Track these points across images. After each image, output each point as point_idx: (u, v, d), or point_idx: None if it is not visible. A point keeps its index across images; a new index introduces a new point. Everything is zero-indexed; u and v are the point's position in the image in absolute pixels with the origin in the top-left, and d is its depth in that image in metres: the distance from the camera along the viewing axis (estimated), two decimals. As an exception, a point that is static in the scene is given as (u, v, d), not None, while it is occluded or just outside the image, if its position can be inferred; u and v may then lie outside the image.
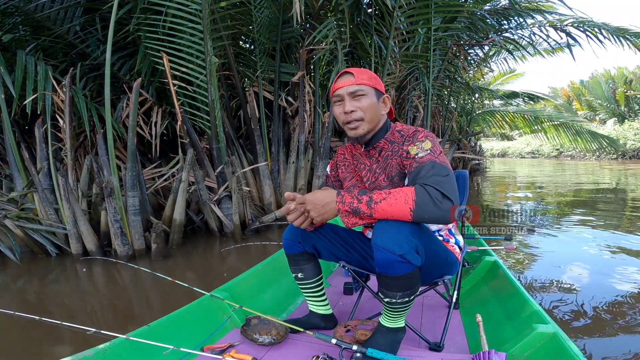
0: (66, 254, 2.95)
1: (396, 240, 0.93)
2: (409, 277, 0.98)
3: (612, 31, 5.03)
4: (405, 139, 1.09)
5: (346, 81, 1.09)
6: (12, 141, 3.04)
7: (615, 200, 5.32)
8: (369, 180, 1.18)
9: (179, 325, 1.23)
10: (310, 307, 1.36)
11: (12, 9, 3.25)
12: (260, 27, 3.83)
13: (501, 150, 21.64)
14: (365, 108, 1.08)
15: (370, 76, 1.11)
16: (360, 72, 1.10)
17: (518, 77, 12.58)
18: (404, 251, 0.93)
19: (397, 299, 1.02)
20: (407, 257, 0.94)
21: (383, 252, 0.95)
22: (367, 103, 1.08)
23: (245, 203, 3.57)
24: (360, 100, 1.08)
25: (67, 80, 2.87)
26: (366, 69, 1.14)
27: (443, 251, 1.13)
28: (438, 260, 1.10)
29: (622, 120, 16.73)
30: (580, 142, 8.55)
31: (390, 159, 1.12)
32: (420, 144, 1.04)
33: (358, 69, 1.11)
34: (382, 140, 1.14)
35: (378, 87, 1.11)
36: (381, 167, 1.14)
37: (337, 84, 1.11)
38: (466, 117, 9.32)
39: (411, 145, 1.05)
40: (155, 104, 3.78)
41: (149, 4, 3.13)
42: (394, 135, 1.14)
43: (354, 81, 1.08)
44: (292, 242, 1.26)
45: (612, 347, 1.47)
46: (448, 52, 5.13)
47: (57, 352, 1.52)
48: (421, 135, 1.07)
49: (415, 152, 1.04)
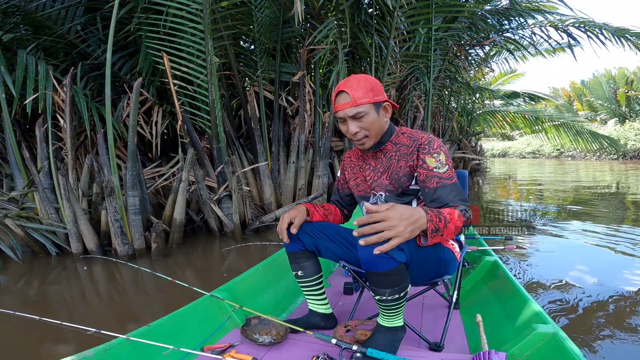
0: (66, 253, 2.95)
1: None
2: (395, 273, 0.98)
3: (612, 32, 5.03)
4: (420, 145, 1.13)
5: (345, 103, 1.10)
6: (13, 140, 3.04)
7: (616, 201, 5.31)
8: (372, 179, 1.24)
9: (179, 325, 1.23)
10: (310, 306, 1.37)
11: (13, 9, 3.25)
12: (260, 26, 3.83)
13: (502, 150, 21.62)
14: (368, 126, 1.12)
15: (366, 91, 1.09)
16: (356, 90, 1.09)
17: (519, 77, 12.57)
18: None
19: (387, 296, 1.03)
20: (390, 253, 0.93)
21: (365, 249, 0.94)
22: (369, 121, 1.12)
23: (246, 203, 3.57)
24: (362, 120, 1.11)
25: (68, 80, 2.87)
26: (362, 80, 1.11)
27: (438, 249, 1.12)
28: (433, 258, 1.10)
29: (623, 121, 16.71)
30: (581, 142, 8.55)
31: (394, 159, 1.18)
32: (437, 156, 1.10)
33: (353, 84, 1.10)
34: (388, 142, 1.20)
35: (377, 100, 1.11)
36: (385, 167, 1.20)
37: (337, 105, 1.13)
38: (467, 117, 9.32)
39: (428, 156, 1.10)
40: (156, 104, 3.78)
41: (150, 3, 3.13)
42: (399, 137, 1.20)
43: (351, 103, 1.09)
44: (293, 240, 1.26)
45: (612, 347, 1.47)
46: (449, 52, 5.13)
47: (57, 352, 1.52)
48: (436, 145, 1.11)
49: (434, 165, 1.09)
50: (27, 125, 3.76)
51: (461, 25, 5.04)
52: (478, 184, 7.81)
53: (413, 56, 4.59)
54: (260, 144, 4.01)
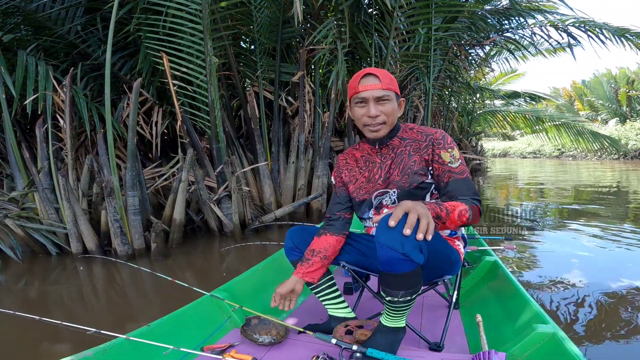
0: (66, 253, 2.96)
1: (400, 238, 0.91)
2: (412, 276, 0.97)
3: (613, 31, 5.02)
4: (435, 140, 1.11)
5: (373, 84, 1.07)
6: (13, 141, 3.04)
7: (616, 201, 5.30)
8: (381, 177, 1.18)
9: (179, 325, 1.23)
10: (330, 312, 1.34)
11: (14, 9, 3.25)
12: (260, 27, 3.83)
13: (502, 150, 21.61)
14: (389, 113, 1.10)
15: (391, 79, 1.11)
16: (385, 76, 1.09)
17: (519, 77, 12.57)
18: (408, 249, 0.91)
19: (399, 298, 1.01)
20: (411, 255, 0.92)
21: (386, 250, 0.93)
22: (391, 108, 1.10)
23: (245, 203, 3.57)
24: (385, 105, 1.09)
25: (67, 80, 2.87)
26: (386, 71, 1.13)
27: (447, 249, 1.12)
28: (441, 258, 1.09)
29: (624, 121, 16.68)
30: (581, 142, 8.55)
31: (405, 154, 1.15)
32: (451, 151, 1.09)
33: (382, 71, 1.10)
34: (395, 138, 1.17)
35: (398, 91, 1.13)
36: (396, 162, 1.16)
37: (362, 86, 1.08)
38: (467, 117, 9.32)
39: (443, 150, 1.10)
40: (156, 104, 3.78)
41: (149, 4, 3.14)
42: (406, 133, 1.17)
43: (381, 85, 1.07)
44: (291, 249, 1.27)
45: (612, 347, 1.47)
46: (449, 52, 5.13)
47: (57, 352, 1.52)
48: (449, 140, 1.11)
49: (448, 160, 1.09)
50: (28, 126, 3.76)
51: (461, 25, 5.03)
52: (478, 184, 7.80)
53: (413, 56, 4.59)
54: (260, 144, 4.01)
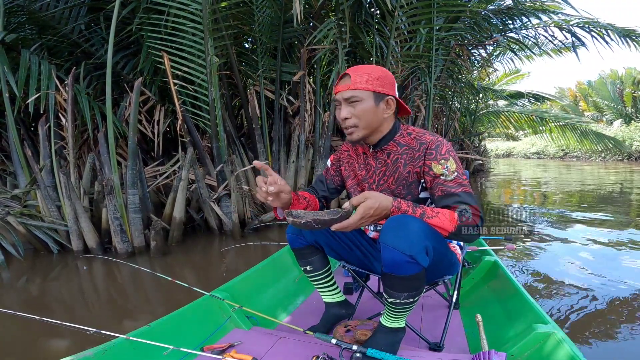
0: (67, 251, 2.97)
1: (407, 240, 0.90)
2: (416, 278, 0.96)
3: (617, 32, 5.00)
4: (427, 150, 1.03)
5: (343, 85, 1.05)
6: (16, 139, 3.06)
7: (619, 202, 5.27)
8: (375, 182, 1.14)
9: (179, 325, 1.23)
10: (325, 299, 1.35)
11: (18, 9, 3.27)
12: (261, 26, 3.83)
13: (506, 151, 21.54)
14: (359, 114, 1.03)
15: (370, 78, 1.03)
16: (359, 75, 1.03)
17: (524, 77, 12.53)
18: (415, 252, 0.91)
19: (401, 300, 1.00)
20: (417, 257, 0.91)
21: (392, 252, 0.92)
22: (362, 109, 1.03)
23: (245, 202, 3.57)
24: (355, 107, 1.03)
25: (70, 79, 2.89)
26: (372, 68, 1.05)
27: (448, 252, 1.12)
28: (443, 261, 1.09)
29: (629, 122, 16.56)
30: (585, 143, 8.51)
31: (400, 163, 1.09)
32: (445, 163, 1.00)
33: (359, 69, 1.04)
34: (391, 142, 1.10)
35: (379, 90, 1.03)
36: (390, 170, 1.11)
37: (336, 87, 1.07)
38: (470, 117, 9.29)
39: (435, 162, 1.01)
40: (158, 103, 3.79)
41: (152, 3, 3.14)
42: (404, 137, 1.10)
43: (350, 86, 1.03)
44: (296, 235, 1.24)
45: (612, 347, 1.46)
46: (450, 52, 5.11)
47: (57, 351, 1.52)
48: (444, 150, 1.02)
49: (440, 172, 1.00)
50: (31, 124, 3.78)
51: (463, 25, 5.01)
52: (481, 184, 7.78)
53: (414, 56, 4.57)
54: (260, 143, 4.02)
